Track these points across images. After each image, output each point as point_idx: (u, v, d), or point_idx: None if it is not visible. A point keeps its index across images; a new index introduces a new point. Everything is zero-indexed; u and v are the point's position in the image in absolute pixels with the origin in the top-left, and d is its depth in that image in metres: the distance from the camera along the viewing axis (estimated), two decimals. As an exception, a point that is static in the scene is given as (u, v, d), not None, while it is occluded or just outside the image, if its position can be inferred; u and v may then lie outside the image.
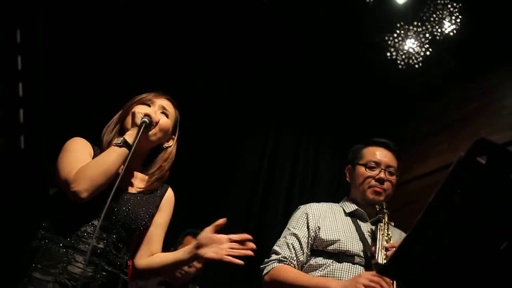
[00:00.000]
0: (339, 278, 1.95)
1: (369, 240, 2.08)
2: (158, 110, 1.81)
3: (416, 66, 4.01)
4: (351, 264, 2.00)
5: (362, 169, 2.21)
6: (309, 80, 4.66)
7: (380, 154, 2.22)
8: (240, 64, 4.29)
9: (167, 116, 1.83)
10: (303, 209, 2.22)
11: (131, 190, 1.75)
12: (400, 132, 4.59)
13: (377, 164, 2.19)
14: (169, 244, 3.27)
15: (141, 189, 1.77)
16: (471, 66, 4.27)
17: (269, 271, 2.06)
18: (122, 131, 1.79)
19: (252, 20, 4.24)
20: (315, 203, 2.26)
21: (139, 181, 1.80)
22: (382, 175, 2.17)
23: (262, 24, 4.29)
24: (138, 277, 1.82)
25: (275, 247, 2.14)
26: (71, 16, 3.30)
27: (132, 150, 1.63)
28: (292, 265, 2.05)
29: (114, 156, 1.61)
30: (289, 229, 2.17)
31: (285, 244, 2.11)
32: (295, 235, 2.11)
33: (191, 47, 3.96)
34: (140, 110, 1.71)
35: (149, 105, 1.81)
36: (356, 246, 2.04)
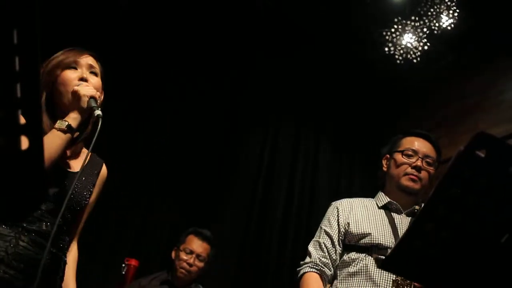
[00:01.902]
0: (373, 272, 1.93)
1: (403, 232, 2.03)
2: (87, 71, 1.70)
3: (414, 60, 4.01)
4: (384, 257, 1.96)
5: (399, 156, 2.16)
6: (309, 79, 4.66)
7: (418, 144, 2.17)
8: (240, 64, 4.29)
9: (96, 74, 1.73)
10: (334, 205, 2.22)
11: (73, 168, 1.67)
12: (400, 127, 4.58)
13: (415, 152, 2.14)
14: (172, 243, 3.28)
15: (75, 160, 1.69)
16: (470, 59, 4.27)
17: (301, 275, 2.06)
18: (55, 106, 1.66)
19: (252, 19, 4.24)
20: (346, 199, 2.25)
21: (77, 150, 1.72)
22: (419, 163, 2.11)
23: (262, 22, 4.28)
24: None
25: (310, 247, 2.13)
26: (70, 15, 3.30)
27: (80, 138, 1.60)
28: (325, 269, 2.04)
29: (58, 142, 1.51)
30: (321, 227, 2.17)
31: (318, 244, 2.11)
32: (326, 233, 2.11)
33: (192, 46, 3.96)
34: (84, 93, 1.57)
35: (75, 68, 1.68)
36: (388, 239, 2.00)
